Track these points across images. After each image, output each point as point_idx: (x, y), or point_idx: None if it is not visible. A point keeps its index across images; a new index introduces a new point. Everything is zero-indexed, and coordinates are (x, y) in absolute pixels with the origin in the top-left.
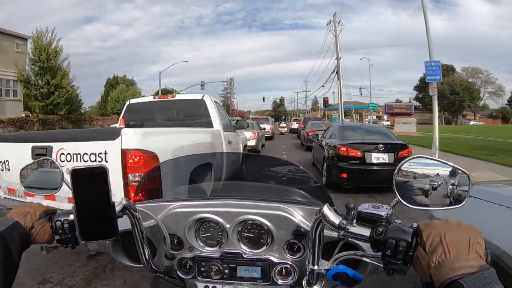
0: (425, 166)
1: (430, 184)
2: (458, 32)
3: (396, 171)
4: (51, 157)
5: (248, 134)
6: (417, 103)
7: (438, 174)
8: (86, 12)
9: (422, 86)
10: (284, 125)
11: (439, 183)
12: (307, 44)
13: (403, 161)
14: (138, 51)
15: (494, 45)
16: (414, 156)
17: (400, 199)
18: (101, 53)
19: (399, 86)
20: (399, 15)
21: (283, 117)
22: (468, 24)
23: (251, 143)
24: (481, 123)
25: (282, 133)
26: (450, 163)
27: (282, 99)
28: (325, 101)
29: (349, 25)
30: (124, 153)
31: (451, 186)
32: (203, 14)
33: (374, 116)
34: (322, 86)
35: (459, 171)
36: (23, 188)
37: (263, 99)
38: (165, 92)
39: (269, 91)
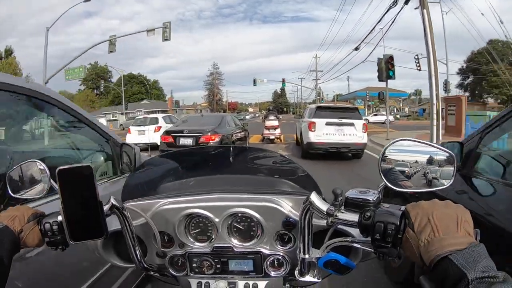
0: (410, 148)
1: (416, 166)
2: None
3: (380, 154)
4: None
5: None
6: (461, 92)
7: (423, 155)
8: (85, 6)
9: (475, 68)
10: (276, 123)
11: (425, 164)
12: (308, 37)
13: (387, 145)
14: (138, 45)
15: None
16: (398, 139)
17: (387, 182)
18: (100, 47)
19: (399, 79)
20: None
21: (285, 109)
22: None
23: None
24: None
25: (271, 141)
26: (435, 144)
27: (282, 82)
28: (389, 65)
29: (350, 18)
30: None
31: (436, 167)
32: (204, 7)
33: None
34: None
35: (444, 152)
36: (10, 192)
37: (254, 81)
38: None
39: (270, 84)
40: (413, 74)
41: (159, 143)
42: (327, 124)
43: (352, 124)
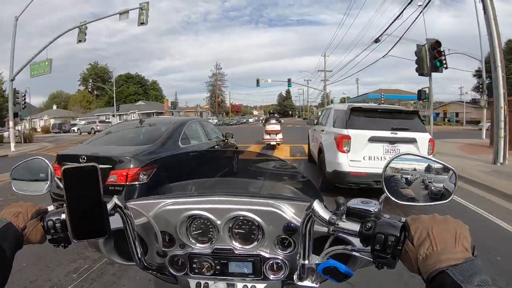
0: (413, 162)
1: (418, 180)
2: None
3: (384, 167)
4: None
5: None
6: (478, 96)
7: (426, 170)
8: (92, 8)
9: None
10: (278, 127)
11: (427, 179)
12: (314, 40)
13: (391, 157)
14: (144, 47)
15: None
16: (402, 153)
17: (388, 194)
18: (107, 49)
19: (404, 83)
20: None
21: (290, 112)
22: None
23: None
24: None
25: (272, 147)
26: (438, 160)
27: (288, 83)
28: (435, 53)
29: (357, 21)
30: None
31: (438, 182)
32: (210, 10)
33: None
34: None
35: (447, 168)
36: (14, 188)
37: (257, 81)
38: None
39: (274, 86)
40: (418, 78)
41: None
42: (372, 140)
43: (413, 141)
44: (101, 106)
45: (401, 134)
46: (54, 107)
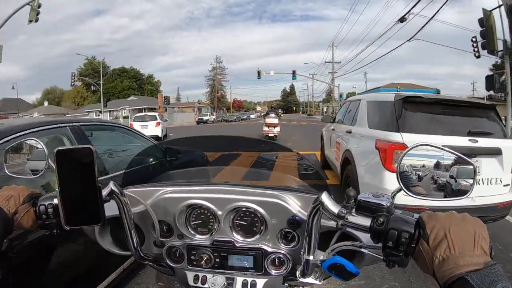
0: (430, 156)
1: (427, 177)
2: None
3: (399, 159)
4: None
5: None
6: (491, 93)
7: (443, 163)
8: (96, 5)
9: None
10: (276, 121)
11: (444, 172)
12: (318, 35)
13: (407, 149)
14: (147, 43)
15: None
16: (418, 144)
17: (404, 188)
18: (111, 45)
19: (409, 79)
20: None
21: (294, 108)
22: None
23: None
24: None
25: (270, 138)
26: (456, 153)
27: (293, 75)
28: None
29: (362, 18)
30: None
31: (455, 176)
32: (213, 6)
33: None
34: None
35: (465, 162)
36: (6, 171)
37: (258, 73)
38: None
39: (278, 81)
40: (424, 74)
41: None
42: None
43: (498, 152)
44: (94, 102)
45: (482, 142)
46: (46, 103)
